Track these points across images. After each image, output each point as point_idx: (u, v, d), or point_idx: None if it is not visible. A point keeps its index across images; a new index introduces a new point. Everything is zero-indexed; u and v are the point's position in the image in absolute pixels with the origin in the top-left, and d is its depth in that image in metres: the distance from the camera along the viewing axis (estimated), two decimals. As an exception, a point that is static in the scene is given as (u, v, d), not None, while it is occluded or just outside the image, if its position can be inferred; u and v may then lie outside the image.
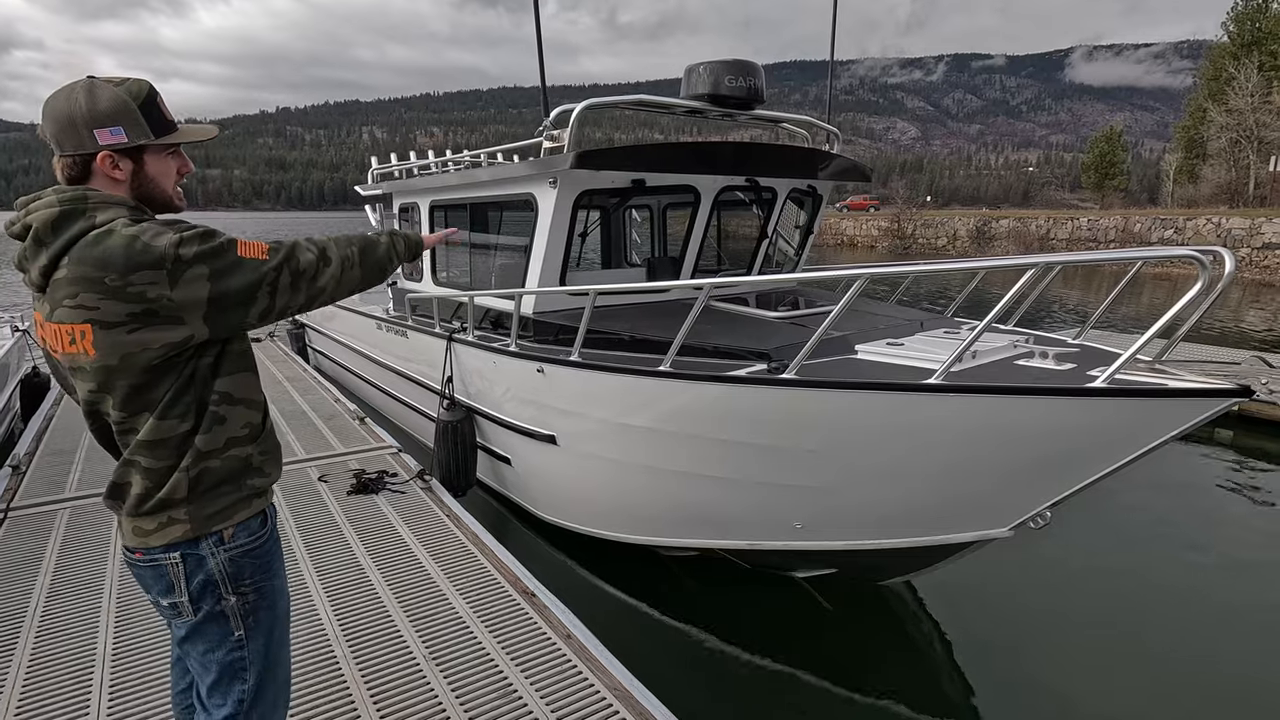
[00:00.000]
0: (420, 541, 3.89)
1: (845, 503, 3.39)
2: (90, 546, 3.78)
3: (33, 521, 4.08)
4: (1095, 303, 3.99)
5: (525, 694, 2.64)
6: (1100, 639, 3.90)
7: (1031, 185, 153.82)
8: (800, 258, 5.86)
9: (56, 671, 2.75)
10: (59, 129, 1.45)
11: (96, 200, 1.44)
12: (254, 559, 1.61)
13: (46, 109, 1.46)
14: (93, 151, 1.45)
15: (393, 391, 6.91)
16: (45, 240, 1.41)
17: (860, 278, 2.99)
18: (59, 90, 1.47)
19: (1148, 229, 29.58)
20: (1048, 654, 3.81)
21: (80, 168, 1.47)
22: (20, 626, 3.03)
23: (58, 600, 3.25)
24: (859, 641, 3.93)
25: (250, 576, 1.61)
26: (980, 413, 2.79)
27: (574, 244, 4.88)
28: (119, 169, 1.48)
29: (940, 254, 36.82)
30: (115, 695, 2.61)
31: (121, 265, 1.35)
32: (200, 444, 1.51)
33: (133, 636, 2.97)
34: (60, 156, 1.47)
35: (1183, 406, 2.49)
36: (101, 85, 1.46)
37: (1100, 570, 4.67)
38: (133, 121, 1.47)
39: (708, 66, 4.73)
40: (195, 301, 1.40)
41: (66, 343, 1.42)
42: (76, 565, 3.58)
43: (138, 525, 1.54)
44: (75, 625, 3.06)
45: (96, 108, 1.44)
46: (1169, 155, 53.27)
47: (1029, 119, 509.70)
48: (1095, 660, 3.70)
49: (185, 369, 1.48)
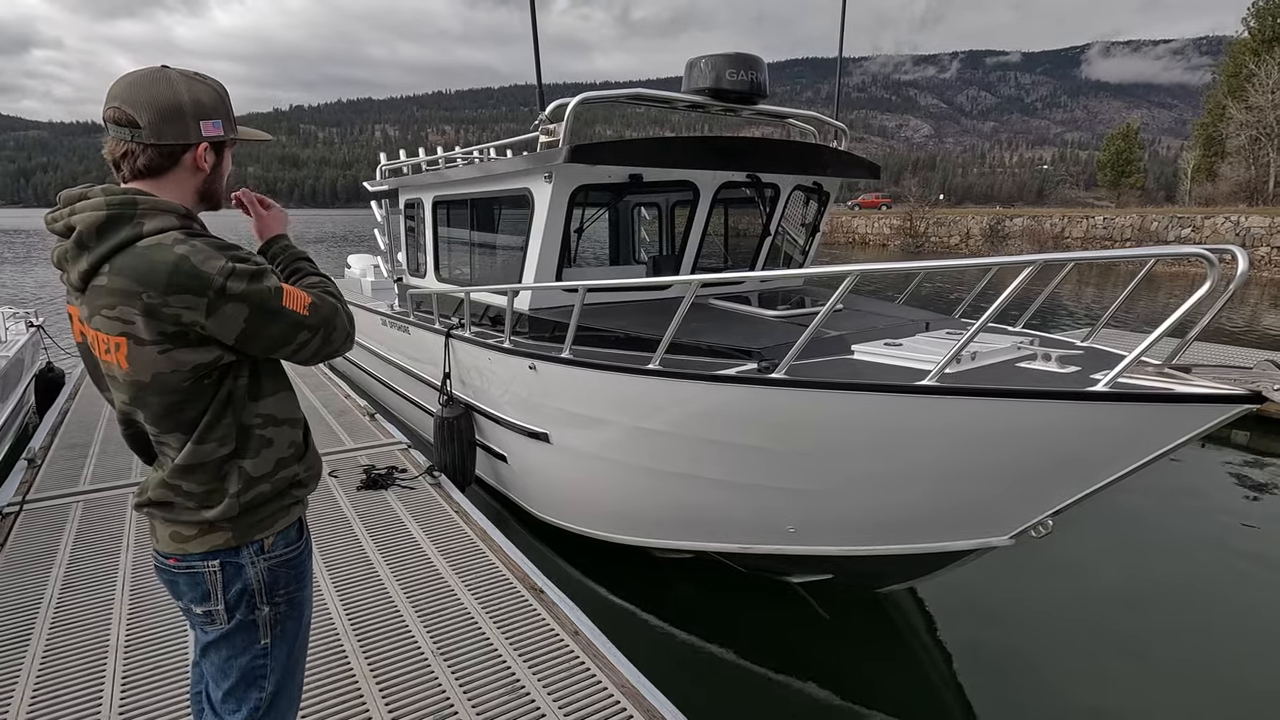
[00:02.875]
0: (429, 537, 3.91)
1: (838, 507, 3.31)
2: (104, 539, 3.82)
3: (48, 514, 4.13)
4: (1111, 302, 3.96)
5: (533, 690, 2.65)
6: (1108, 648, 3.81)
7: (1046, 183, 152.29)
8: (807, 256, 5.82)
9: (70, 662, 2.78)
10: (161, 118, 1.40)
11: (146, 206, 1.39)
12: (290, 568, 1.61)
13: (142, 96, 1.40)
14: (193, 143, 1.45)
15: (397, 387, 6.94)
16: (88, 244, 1.36)
17: (850, 274, 2.89)
18: (144, 78, 1.42)
19: (1164, 227, 29.22)
20: (1052, 664, 3.71)
21: (167, 158, 1.44)
22: (35, 617, 3.07)
23: (71, 592, 3.29)
24: (856, 649, 3.86)
25: (285, 586, 1.60)
26: (974, 416, 2.71)
27: (572, 240, 4.82)
28: (207, 161, 1.49)
29: (953, 252, 36.51)
30: (127, 686, 2.64)
31: (164, 284, 1.32)
32: (250, 469, 1.50)
33: (145, 629, 3.00)
34: (148, 145, 1.41)
35: (1189, 412, 2.39)
36: (193, 77, 1.47)
37: (1108, 576, 4.58)
38: (227, 115, 1.50)
39: (709, 60, 4.67)
40: (226, 333, 1.39)
41: (103, 350, 1.42)
42: (90, 557, 3.62)
43: (176, 531, 1.51)
44: (89, 617, 3.09)
45: (201, 99, 1.45)
46: (1187, 153, 52.57)
47: (1044, 116, 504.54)
48: (1103, 671, 3.64)
49: (220, 391, 1.46)
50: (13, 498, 4.30)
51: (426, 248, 6.35)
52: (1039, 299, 4.18)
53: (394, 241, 7.66)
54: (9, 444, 6.06)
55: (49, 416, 6.30)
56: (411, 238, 6.89)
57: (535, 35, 4.53)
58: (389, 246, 8.06)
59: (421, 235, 6.47)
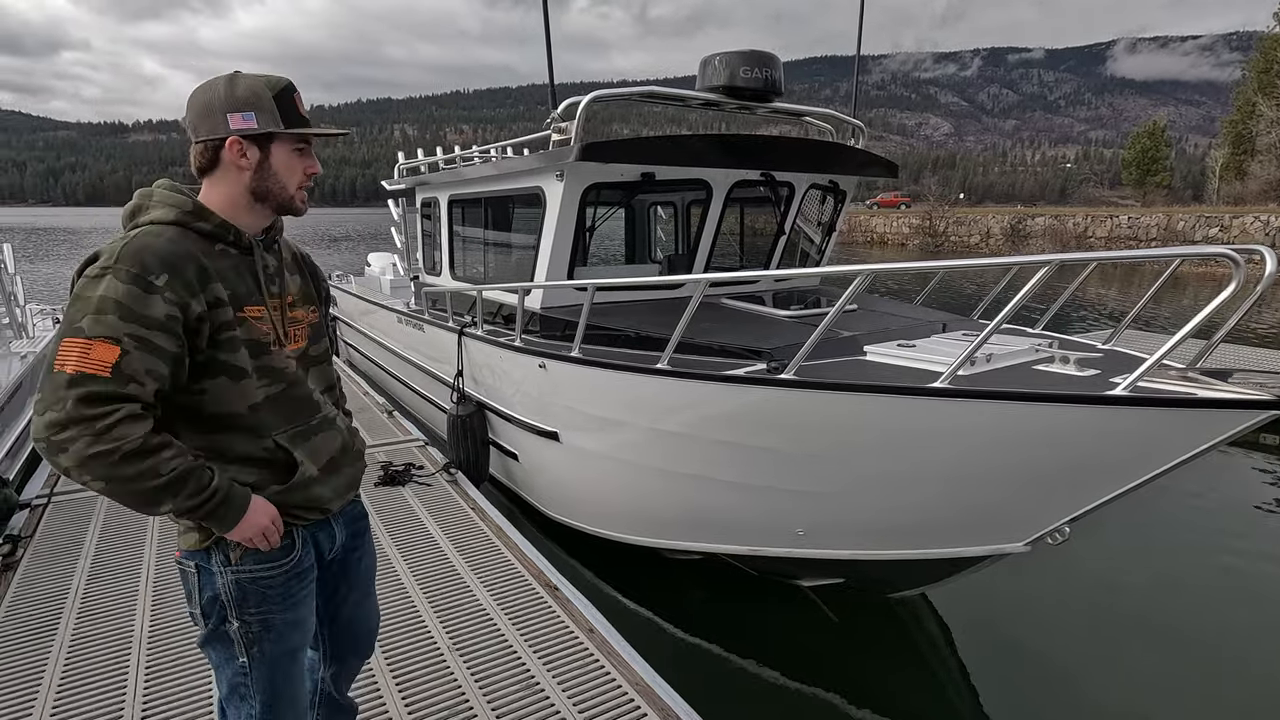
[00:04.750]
0: (445, 533, 3.94)
1: (848, 510, 3.27)
2: (128, 533, 3.89)
3: (74, 507, 4.21)
4: (1135, 303, 3.87)
5: (548, 686, 2.66)
6: (1130, 658, 3.74)
7: (1069, 182, 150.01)
8: (824, 255, 5.78)
9: (96, 652, 2.84)
10: (196, 115, 1.47)
11: (158, 199, 1.45)
12: (263, 588, 1.51)
13: (192, 97, 1.49)
14: (223, 137, 1.45)
15: (414, 385, 7.00)
16: (123, 228, 1.46)
17: (862, 274, 2.84)
18: (205, 82, 1.50)
19: (1191, 227, 28.66)
20: (1071, 674, 3.63)
21: (210, 155, 1.47)
22: (62, 608, 3.14)
23: (96, 583, 3.36)
24: (868, 654, 3.81)
25: (256, 606, 1.51)
26: (987, 420, 2.65)
27: (584, 238, 4.81)
28: (246, 157, 1.46)
29: (973, 252, 36.06)
30: (151, 676, 2.69)
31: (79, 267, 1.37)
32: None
33: (168, 621, 3.05)
34: (194, 144, 1.48)
35: (1213, 418, 2.31)
36: (244, 75, 1.49)
37: (1129, 582, 4.48)
38: (265, 109, 1.46)
39: (723, 58, 4.63)
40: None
41: None
42: (115, 550, 3.69)
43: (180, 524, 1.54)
44: (113, 608, 3.16)
45: (234, 93, 1.45)
46: (1215, 151, 51.46)
47: (1067, 114, 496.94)
48: (1124, 682, 3.56)
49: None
50: (41, 490, 4.40)
51: (442, 246, 6.40)
52: (1059, 300, 4.11)
53: (411, 240, 7.72)
54: (37, 438, 6.19)
55: (76, 411, 6.43)
56: (428, 236, 6.95)
57: (548, 34, 4.53)
58: (406, 245, 8.13)
59: (437, 234, 6.52)
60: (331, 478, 1.63)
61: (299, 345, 1.60)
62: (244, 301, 1.47)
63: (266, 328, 1.50)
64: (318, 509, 1.62)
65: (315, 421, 1.60)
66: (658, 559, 4.44)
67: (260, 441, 1.51)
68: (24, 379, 5.80)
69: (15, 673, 2.70)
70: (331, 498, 1.64)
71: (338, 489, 1.66)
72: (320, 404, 1.64)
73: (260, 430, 1.50)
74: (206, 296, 1.39)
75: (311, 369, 1.63)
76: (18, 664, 2.76)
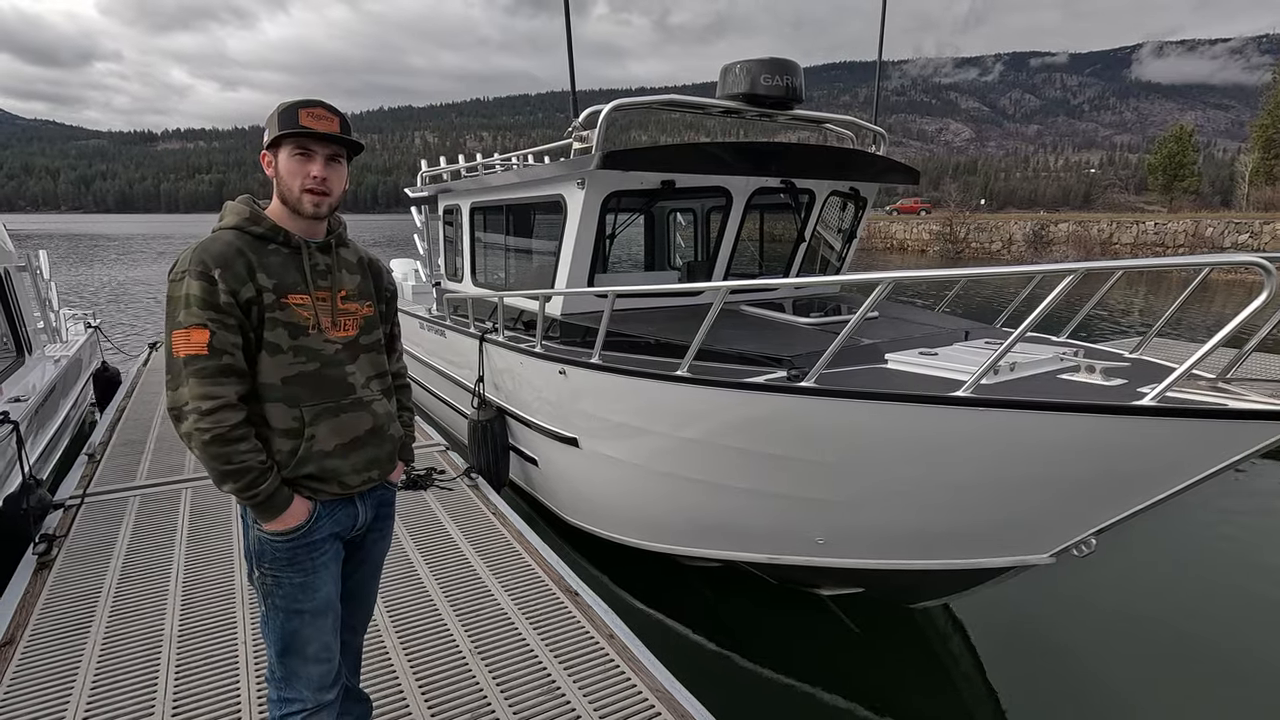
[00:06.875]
0: (466, 538, 3.97)
1: (868, 519, 3.25)
2: (159, 533, 3.98)
3: (107, 507, 4.31)
4: (1164, 311, 3.79)
5: (568, 690, 2.68)
6: (1157, 671, 3.68)
7: (1093, 187, 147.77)
8: (844, 262, 5.76)
9: (128, 651, 2.90)
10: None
11: (227, 209, 1.77)
12: (276, 550, 1.74)
13: None
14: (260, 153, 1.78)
15: (435, 390, 7.07)
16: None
17: (883, 282, 2.84)
18: None
19: (1220, 233, 28.13)
20: (1096, 687, 3.57)
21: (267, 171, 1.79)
22: (95, 606, 3.22)
23: (128, 582, 3.43)
24: (888, 664, 3.78)
25: (269, 562, 1.74)
26: (1009, 429, 2.62)
27: (604, 246, 4.84)
28: (270, 167, 1.76)
29: (994, 259, 35.64)
30: (181, 674, 2.74)
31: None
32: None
33: (197, 619, 3.11)
34: None
35: (1243, 430, 2.27)
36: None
37: (1157, 594, 4.41)
38: (273, 123, 1.73)
39: (744, 65, 4.65)
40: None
41: None
42: (146, 550, 3.77)
43: None
44: (145, 606, 3.22)
45: (270, 116, 1.76)
46: (1244, 155, 50.51)
47: (1091, 119, 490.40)
48: (1152, 697, 3.50)
49: None
50: (74, 491, 4.51)
51: (464, 253, 6.47)
52: (1085, 308, 4.06)
53: (433, 246, 7.82)
54: (70, 439, 6.34)
55: (107, 414, 6.58)
56: (449, 243, 7.03)
57: (570, 43, 4.57)
58: (428, 251, 8.23)
59: (459, 240, 6.59)
60: (351, 454, 1.79)
61: (348, 333, 1.81)
62: (289, 290, 1.71)
63: (307, 314, 1.73)
64: (335, 482, 1.78)
65: (346, 401, 1.79)
66: (675, 565, 4.44)
67: (291, 411, 1.72)
68: (57, 382, 5.95)
69: (54, 669, 2.77)
70: (348, 473, 1.80)
71: (356, 465, 1.81)
72: (356, 386, 1.81)
73: (291, 401, 1.72)
74: (254, 285, 1.66)
75: (361, 356, 1.84)
76: (57, 660, 2.83)
